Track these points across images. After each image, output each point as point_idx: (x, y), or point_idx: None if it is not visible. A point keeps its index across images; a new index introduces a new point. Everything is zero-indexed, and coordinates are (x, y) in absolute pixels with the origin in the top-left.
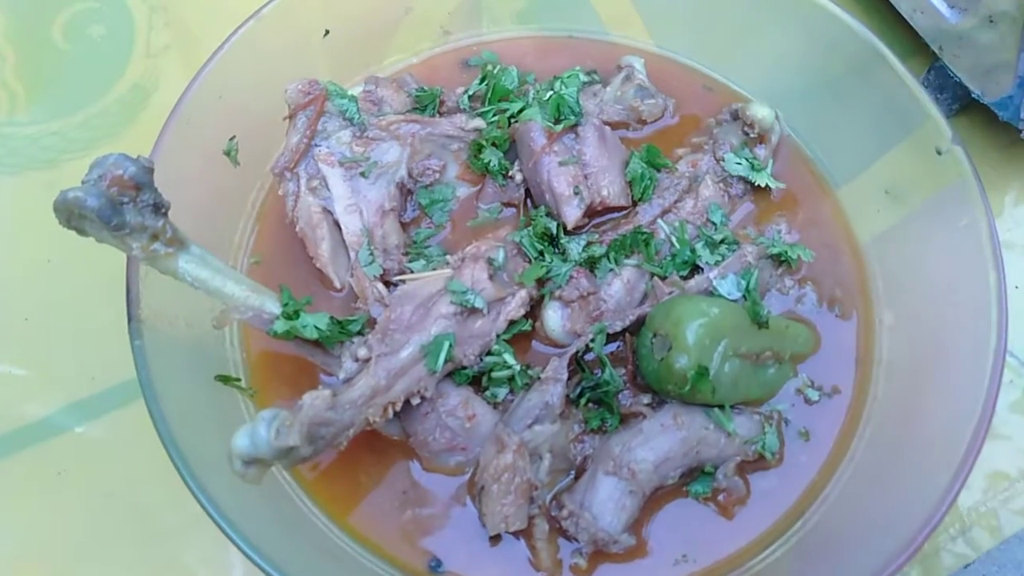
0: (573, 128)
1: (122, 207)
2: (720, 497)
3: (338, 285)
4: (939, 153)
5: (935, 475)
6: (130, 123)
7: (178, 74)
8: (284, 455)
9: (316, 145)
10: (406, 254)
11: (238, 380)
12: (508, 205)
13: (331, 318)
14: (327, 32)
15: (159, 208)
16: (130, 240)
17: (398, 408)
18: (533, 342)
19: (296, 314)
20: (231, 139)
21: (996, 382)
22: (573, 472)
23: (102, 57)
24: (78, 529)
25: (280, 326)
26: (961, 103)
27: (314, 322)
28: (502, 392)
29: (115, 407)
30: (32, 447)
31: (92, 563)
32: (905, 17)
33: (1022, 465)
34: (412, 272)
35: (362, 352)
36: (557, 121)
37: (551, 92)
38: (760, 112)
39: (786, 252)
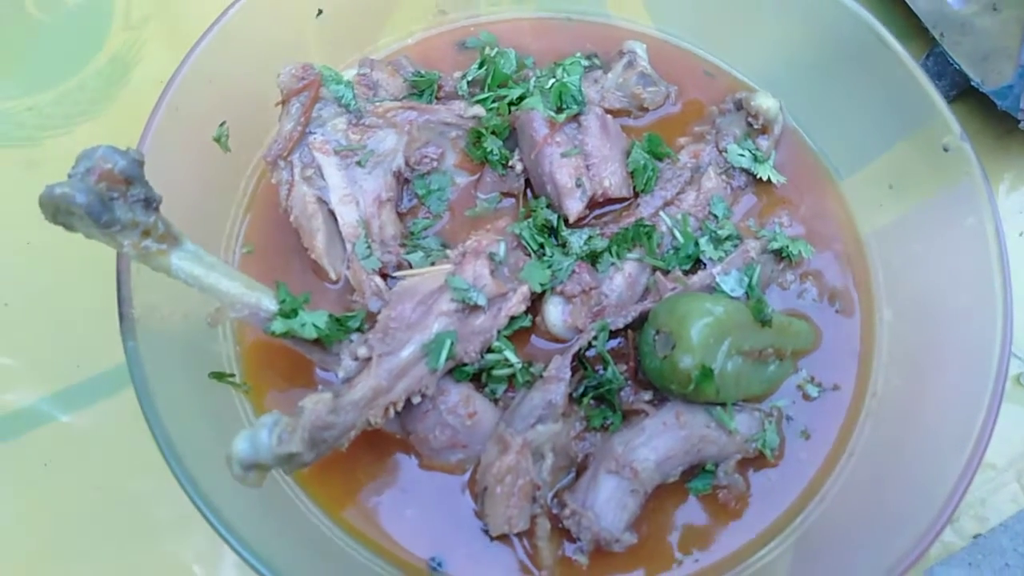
0: (575, 117)
1: (112, 203)
2: (720, 494)
3: (334, 277)
4: (946, 150)
5: (937, 474)
6: (110, 99)
7: (160, 47)
8: (286, 461)
9: (311, 133)
10: (403, 245)
11: (232, 376)
12: (507, 195)
13: (330, 316)
14: (320, 12)
15: (150, 203)
16: (120, 237)
17: (399, 408)
18: (533, 337)
19: (294, 312)
20: (221, 125)
21: (1003, 377)
22: (574, 470)
23: (79, 28)
24: (65, 523)
25: (278, 326)
26: (959, 90)
27: (312, 320)
28: (502, 388)
29: (103, 396)
30: (16, 437)
31: (80, 559)
32: (906, 0)
33: (1008, 455)
34: (410, 265)
35: (362, 351)
36: (559, 110)
37: (553, 80)
38: (765, 103)
39: (787, 248)
